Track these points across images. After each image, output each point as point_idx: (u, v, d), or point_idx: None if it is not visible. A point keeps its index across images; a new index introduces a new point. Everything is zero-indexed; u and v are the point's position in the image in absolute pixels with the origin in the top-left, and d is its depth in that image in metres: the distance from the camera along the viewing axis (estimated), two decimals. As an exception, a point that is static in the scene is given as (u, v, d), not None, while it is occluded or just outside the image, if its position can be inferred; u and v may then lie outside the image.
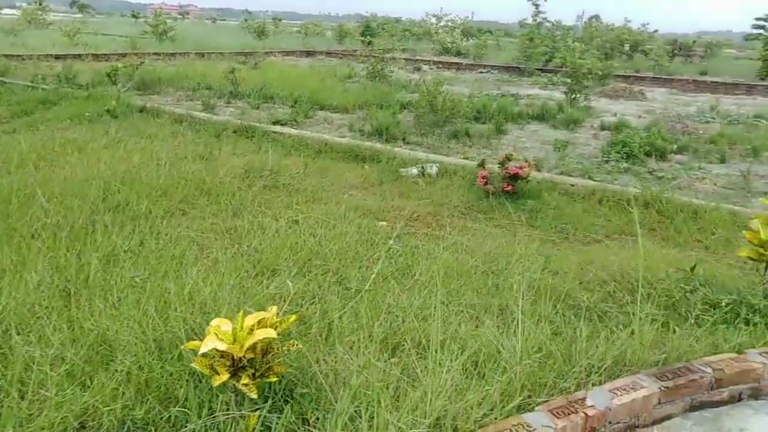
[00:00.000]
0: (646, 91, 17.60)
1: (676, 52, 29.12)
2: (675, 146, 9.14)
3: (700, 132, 10.68)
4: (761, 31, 29.93)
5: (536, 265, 3.75)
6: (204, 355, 2.02)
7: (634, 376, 2.45)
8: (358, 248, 4.16)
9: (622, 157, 8.16)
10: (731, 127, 11.29)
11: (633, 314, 2.94)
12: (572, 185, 5.39)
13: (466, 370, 2.51)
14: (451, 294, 3.41)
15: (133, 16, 52.11)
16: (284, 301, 2.96)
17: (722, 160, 8.61)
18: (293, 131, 8.70)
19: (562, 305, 3.29)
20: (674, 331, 2.92)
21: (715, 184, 7.30)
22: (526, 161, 5.66)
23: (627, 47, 27.67)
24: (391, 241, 3.87)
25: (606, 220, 4.90)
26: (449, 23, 38.80)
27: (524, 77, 19.38)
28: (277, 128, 8.89)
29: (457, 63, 23.48)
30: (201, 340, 2.09)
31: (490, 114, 11.07)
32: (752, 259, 3.13)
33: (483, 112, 11.15)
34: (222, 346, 1.96)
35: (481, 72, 21.69)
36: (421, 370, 2.42)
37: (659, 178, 7.43)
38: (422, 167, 6.75)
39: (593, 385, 2.43)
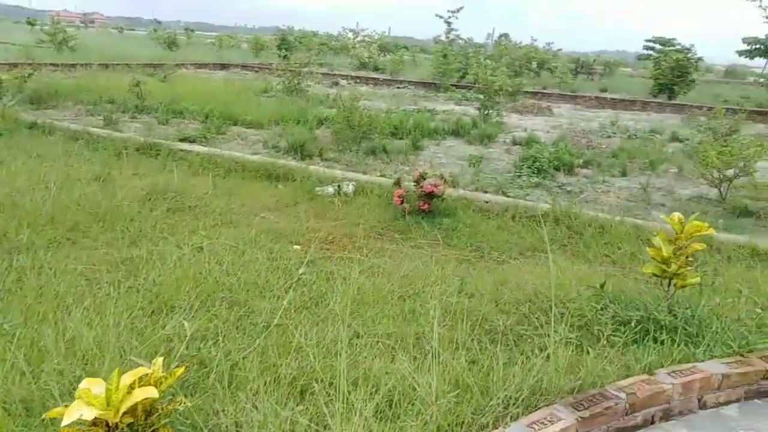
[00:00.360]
0: (553, 107, 18.50)
1: (579, 70, 30.98)
2: (581, 160, 9.57)
3: (603, 146, 11.28)
4: (651, 51, 32.66)
5: (452, 288, 3.68)
6: (71, 425, 1.72)
7: (550, 407, 2.39)
8: (269, 276, 3.91)
9: (533, 172, 8.41)
10: (630, 141, 12.02)
11: (548, 336, 2.91)
12: (486, 202, 5.43)
13: (380, 412, 2.34)
14: (366, 323, 3.24)
15: (29, 23, 48.39)
16: (182, 342, 2.67)
17: (623, 174, 9.10)
18: (202, 149, 8.26)
19: (478, 330, 3.22)
20: (588, 352, 2.91)
21: (618, 197, 7.66)
22: (442, 178, 5.65)
23: (535, 65, 29.15)
24: (301, 270, 3.65)
25: (519, 237, 4.94)
26: (366, 38, 39.21)
27: (440, 93, 19.79)
28: (185, 145, 8.41)
29: (374, 78, 23.63)
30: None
31: (407, 130, 11.11)
32: (656, 276, 3.21)
33: (400, 128, 11.18)
34: (92, 414, 1.67)
35: (398, 87, 21.95)
36: (332, 416, 2.23)
37: (568, 192, 7.71)
38: (338, 186, 6.58)
39: (511, 418, 2.35)
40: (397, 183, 5.68)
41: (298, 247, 4.68)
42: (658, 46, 33.44)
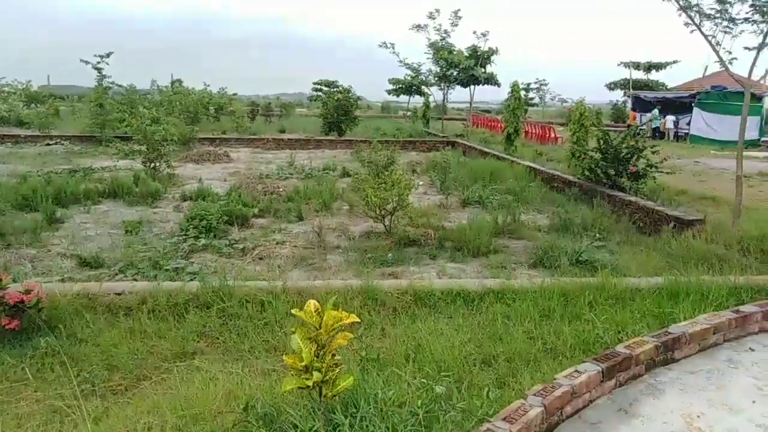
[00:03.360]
0: (232, 151, 17.91)
1: (256, 113, 31.46)
2: (256, 209, 8.96)
3: (281, 190, 10.97)
4: (320, 93, 35.41)
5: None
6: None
7: None
8: None
9: (201, 232, 7.38)
10: (306, 180, 12.05)
11: None
12: (119, 294, 4.15)
13: None
14: None
15: None
16: None
17: (300, 218, 8.81)
18: None
19: None
20: None
21: (295, 246, 7.19)
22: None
23: (212, 110, 28.41)
24: None
25: (158, 339, 3.74)
26: (6, 88, 32.72)
27: (101, 147, 17.23)
28: None
29: (15, 135, 19.40)
30: None
31: (44, 198, 8.85)
32: (301, 388, 2.46)
33: (33, 198, 8.85)
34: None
35: (49, 144, 18.42)
36: None
37: (241, 250, 6.91)
38: None
39: None
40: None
41: None
42: (325, 88, 36.58)
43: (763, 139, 24.84)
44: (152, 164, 12.29)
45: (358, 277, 5.98)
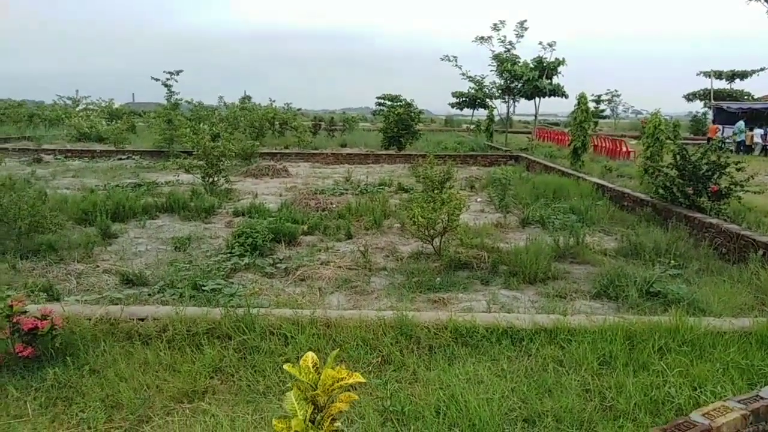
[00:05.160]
0: (292, 166, 18.05)
1: (319, 127, 31.83)
2: (305, 227, 8.78)
3: (333, 206, 10.77)
4: (383, 107, 35.48)
5: None
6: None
7: None
8: None
9: (247, 250, 7.23)
10: (360, 196, 11.79)
11: None
12: (142, 319, 3.96)
13: None
14: None
15: None
16: None
17: (349, 236, 8.52)
18: None
19: None
20: None
21: (339, 267, 6.89)
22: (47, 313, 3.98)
23: (277, 125, 28.99)
24: None
25: (170, 372, 3.49)
26: (91, 106, 34.94)
27: (168, 162, 17.81)
28: None
29: (91, 151, 20.47)
30: None
31: (104, 212, 9.04)
32: None
33: (92, 212, 9.06)
34: None
35: (121, 159, 19.28)
36: None
37: (284, 270, 6.69)
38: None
39: None
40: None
41: None
42: (388, 102, 36.63)
43: None
44: (210, 179, 12.46)
45: (402, 301, 5.59)
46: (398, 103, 28.93)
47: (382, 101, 37.88)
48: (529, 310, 5.27)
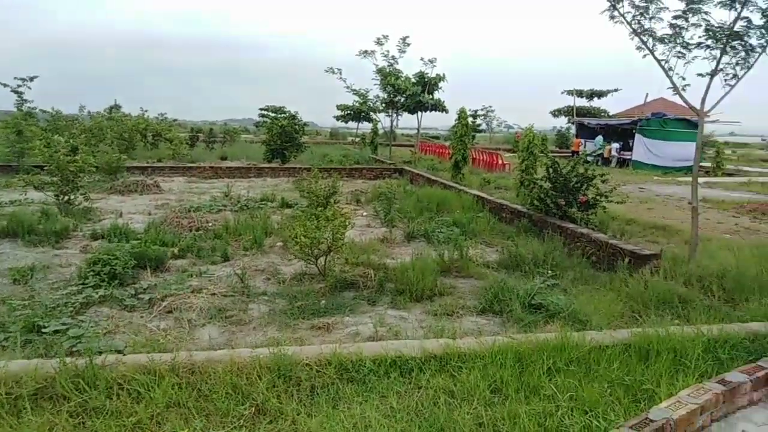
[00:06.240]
0: (165, 180, 16.71)
1: (203, 139, 30.14)
2: (176, 249, 7.97)
3: (209, 224, 9.96)
4: (266, 119, 34.45)
5: None
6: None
7: None
8: None
9: (103, 280, 6.33)
10: (240, 214, 11.07)
11: None
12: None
13: None
14: None
15: None
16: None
17: (226, 257, 7.85)
18: None
19: None
20: None
21: (213, 294, 6.24)
22: None
23: (150, 136, 26.96)
24: None
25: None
26: None
27: (16, 177, 15.67)
28: None
29: None
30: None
31: None
32: None
33: None
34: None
35: (-46, 173, 16.67)
36: None
37: (148, 301, 5.91)
38: None
39: None
40: None
41: None
42: (272, 114, 35.62)
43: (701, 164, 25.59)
44: (66, 197, 11.05)
45: (282, 331, 5.12)
46: (282, 115, 28.11)
47: (266, 112, 36.75)
48: (417, 332, 5.05)
